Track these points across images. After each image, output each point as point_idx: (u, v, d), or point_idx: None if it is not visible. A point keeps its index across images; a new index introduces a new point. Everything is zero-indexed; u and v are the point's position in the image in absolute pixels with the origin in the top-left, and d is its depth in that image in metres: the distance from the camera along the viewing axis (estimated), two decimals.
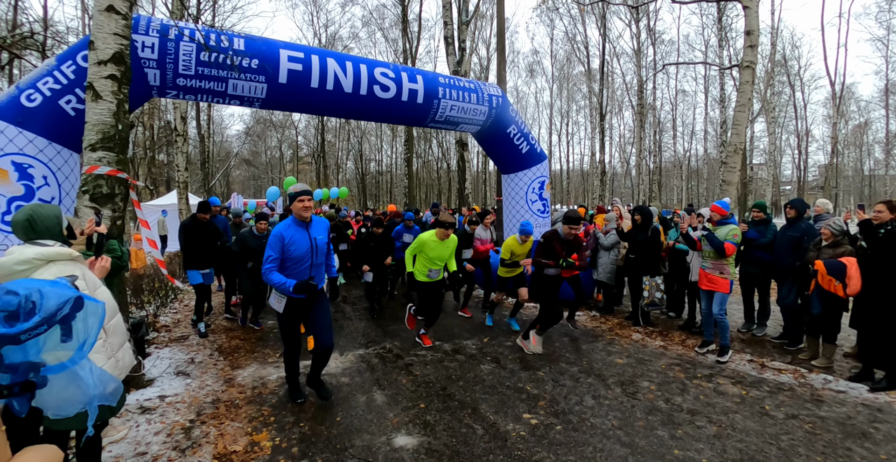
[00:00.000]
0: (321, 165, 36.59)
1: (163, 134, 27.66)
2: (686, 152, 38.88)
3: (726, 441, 3.42)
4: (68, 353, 1.45)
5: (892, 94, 29.83)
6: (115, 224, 4.10)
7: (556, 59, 37.78)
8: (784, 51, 30.31)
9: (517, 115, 8.19)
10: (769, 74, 23.30)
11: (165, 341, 5.85)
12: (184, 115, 13.77)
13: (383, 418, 3.77)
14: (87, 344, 1.50)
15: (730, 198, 8.85)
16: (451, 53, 14.68)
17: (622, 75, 31.77)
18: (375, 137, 44.42)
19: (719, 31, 24.52)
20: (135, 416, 3.79)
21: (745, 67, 8.67)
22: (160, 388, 4.38)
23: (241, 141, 41.34)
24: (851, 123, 38.16)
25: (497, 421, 3.72)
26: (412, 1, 25.16)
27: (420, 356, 5.31)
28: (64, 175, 4.62)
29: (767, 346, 5.73)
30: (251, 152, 45.75)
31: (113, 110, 4.11)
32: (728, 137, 10.86)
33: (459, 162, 15.48)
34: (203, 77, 5.31)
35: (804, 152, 35.20)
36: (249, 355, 5.36)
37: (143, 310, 6.81)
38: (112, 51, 4.12)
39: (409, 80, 6.58)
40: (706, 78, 32.12)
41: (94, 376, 1.62)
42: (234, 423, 3.68)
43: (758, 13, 8.74)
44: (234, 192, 22.76)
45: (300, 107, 6.22)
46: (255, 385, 4.46)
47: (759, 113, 24.66)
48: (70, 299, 1.42)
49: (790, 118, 34.67)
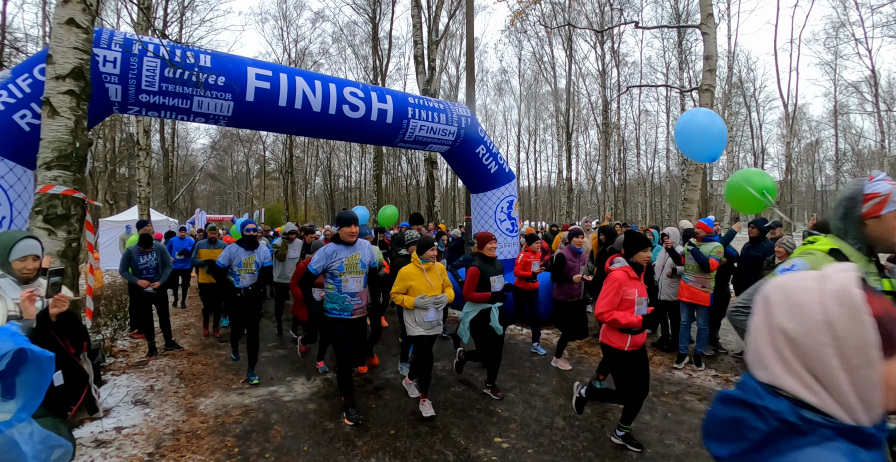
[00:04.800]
0: (289, 181, 36.18)
1: (124, 147, 26.83)
2: (649, 170, 40.03)
3: (694, 459, 3.46)
4: (6, 416, 1.25)
5: (840, 114, 31.54)
6: (69, 246, 3.92)
7: (523, 79, 38.65)
8: (740, 73, 31.77)
9: (486, 135, 8.28)
10: (727, 96, 24.36)
11: (123, 367, 5.59)
12: (147, 129, 13.42)
13: (352, 446, 3.66)
14: (30, 404, 1.30)
15: (692, 215, 9.12)
16: (421, 72, 14.81)
17: (588, 95, 32.69)
18: (344, 153, 44.28)
19: (679, 55, 25.61)
20: (89, 450, 3.58)
21: (705, 90, 9.03)
22: (117, 418, 4.15)
23: (206, 155, 40.51)
24: (804, 142, 40.16)
25: (468, 446, 3.67)
26: (383, 19, 25.40)
27: (389, 380, 5.22)
28: (16, 193, 4.41)
29: (731, 361, 5.87)
30: (217, 167, 44.82)
31: (70, 127, 3.97)
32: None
33: (429, 179, 15.52)
34: (167, 93, 5.18)
35: (760, 169, 36.64)
36: (212, 381, 5.16)
37: (100, 333, 6.50)
38: (71, 65, 3.99)
39: (378, 99, 6.59)
40: (668, 99, 33.27)
41: (34, 442, 1.40)
42: (195, 455, 3.51)
43: (716, 39, 9.14)
44: (198, 209, 22.18)
45: (268, 125, 6.13)
46: (217, 414, 4.28)
47: None
48: (9, 353, 1.23)
49: (747, 137, 36.15)
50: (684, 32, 25.61)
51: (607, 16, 27.07)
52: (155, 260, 6.11)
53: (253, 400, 4.61)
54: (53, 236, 3.86)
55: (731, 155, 24.42)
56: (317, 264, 4.06)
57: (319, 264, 4.05)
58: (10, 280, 2.36)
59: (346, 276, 4.07)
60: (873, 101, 26.06)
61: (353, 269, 4.11)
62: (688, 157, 5.69)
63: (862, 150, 38.07)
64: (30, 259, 2.40)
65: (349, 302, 4.12)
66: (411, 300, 4.16)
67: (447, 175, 41.01)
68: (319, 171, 44.16)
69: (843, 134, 33.83)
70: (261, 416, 4.24)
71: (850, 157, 37.54)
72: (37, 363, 1.34)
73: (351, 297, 4.12)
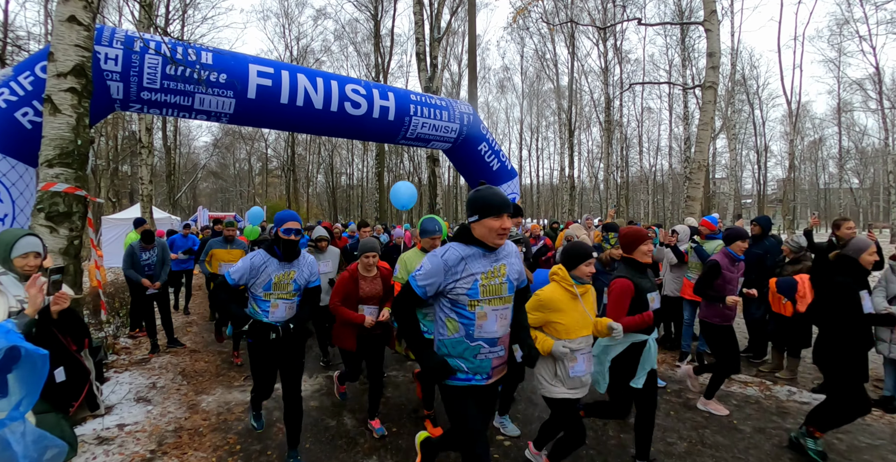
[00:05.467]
0: (291, 179, 36.19)
1: (127, 144, 26.88)
2: (652, 167, 40.05)
3: (697, 458, 3.45)
4: (0, 414, 1.24)
5: (843, 112, 31.40)
6: (71, 244, 3.92)
7: (526, 76, 38.65)
8: (743, 71, 31.62)
9: (488, 133, 8.26)
10: (730, 93, 24.26)
11: (125, 365, 5.60)
12: (149, 126, 13.45)
13: (354, 444, 3.66)
14: (24, 402, 1.28)
15: (695, 212, 9.09)
16: (423, 69, 14.79)
17: (590, 92, 32.62)
18: (346, 151, 44.27)
19: (682, 52, 25.52)
20: (91, 447, 3.59)
21: (708, 88, 8.99)
22: (119, 416, 4.16)
23: (208, 153, 40.53)
24: (807, 140, 40.03)
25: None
26: (385, 16, 25.39)
27: (391, 377, 5.22)
28: (18, 191, 4.42)
29: None
30: (219, 164, 44.88)
31: (72, 125, 3.97)
32: (692, 154, 11.20)
33: (430, 177, 15.52)
34: (169, 91, 5.19)
35: (763, 167, 36.57)
36: (214, 379, 5.17)
37: (102, 331, 6.51)
38: (72, 63, 3.99)
39: (380, 96, 6.58)
40: (670, 96, 33.22)
41: (26, 441, 1.37)
42: (197, 452, 3.52)
43: (719, 35, 9.10)
44: (201, 206, 22.23)
45: (269, 123, 6.13)
46: (220, 411, 4.29)
47: (720, 130, 25.57)
48: (2, 350, 1.21)
49: (750, 135, 36.03)
50: (687, 29, 25.51)
51: (610, 12, 27.00)
52: (157, 256, 6.12)
53: None
54: (55, 234, 3.87)
55: (733, 153, 24.35)
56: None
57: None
58: (12, 277, 2.37)
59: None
60: (877, 99, 25.94)
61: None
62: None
63: (865, 147, 38.07)
64: (31, 256, 2.40)
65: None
66: (550, 343, 2.74)
67: (449, 172, 41.02)
68: (321, 169, 44.17)
69: (847, 131, 33.68)
70: (263, 413, 4.24)
71: (853, 154, 37.49)
72: (30, 361, 1.32)
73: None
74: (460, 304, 2.17)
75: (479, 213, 2.13)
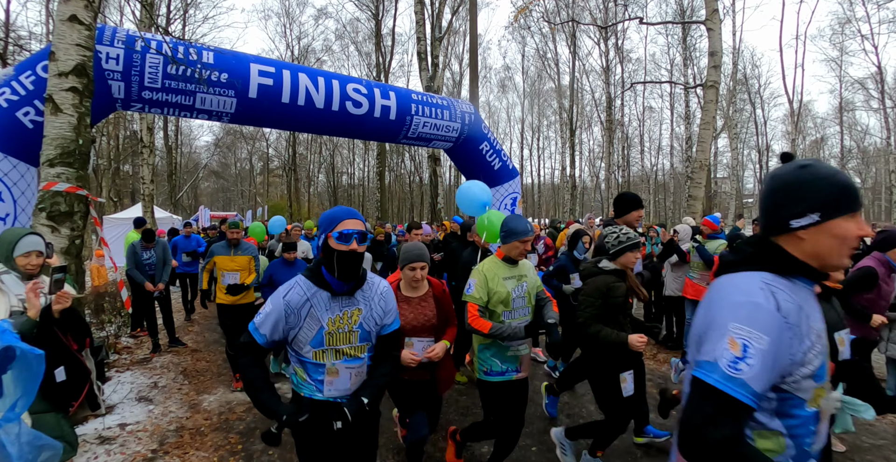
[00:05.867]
0: (292, 178, 36.20)
1: (128, 144, 26.89)
2: (653, 167, 39.98)
3: None
4: None
5: (845, 111, 31.34)
6: (73, 243, 3.92)
7: (527, 76, 38.58)
8: (745, 70, 31.55)
9: (489, 132, 8.25)
10: (731, 92, 24.20)
11: (127, 364, 5.61)
12: (150, 126, 13.45)
13: None
14: (20, 403, 1.25)
15: (697, 212, 9.08)
16: (424, 69, 14.78)
17: (591, 92, 32.56)
18: (348, 150, 44.26)
19: (684, 51, 25.48)
20: (93, 447, 3.59)
21: (709, 87, 8.97)
22: (121, 415, 4.17)
23: (210, 152, 40.55)
24: (808, 139, 39.89)
25: (471, 443, 3.66)
26: (386, 16, 25.38)
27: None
28: (20, 190, 4.42)
29: None
30: (220, 164, 44.90)
31: (73, 124, 3.97)
32: (694, 153, 11.19)
33: (432, 176, 15.52)
34: (170, 90, 5.18)
35: (765, 166, 36.49)
36: (216, 378, 5.17)
37: (104, 330, 6.52)
38: (74, 62, 3.98)
39: (381, 96, 6.57)
40: (672, 95, 33.15)
41: (20, 443, 1.33)
42: (199, 452, 3.52)
43: (721, 35, 9.08)
44: (202, 206, 22.24)
45: (271, 122, 6.13)
46: (221, 411, 4.29)
47: (722, 129, 25.53)
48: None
49: (751, 134, 35.95)
50: (689, 28, 25.48)
51: (611, 12, 26.97)
52: (158, 256, 6.13)
53: None
54: (57, 233, 3.87)
55: (735, 152, 24.31)
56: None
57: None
58: (14, 276, 2.37)
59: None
60: (879, 98, 25.85)
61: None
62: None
63: (867, 147, 37.95)
64: (33, 255, 2.41)
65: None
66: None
67: (450, 172, 41.02)
68: (323, 168, 44.15)
69: (849, 131, 33.63)
70: None
71: (855, 154, 37.39)
72: (25, 361, 1.29)
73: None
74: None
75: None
